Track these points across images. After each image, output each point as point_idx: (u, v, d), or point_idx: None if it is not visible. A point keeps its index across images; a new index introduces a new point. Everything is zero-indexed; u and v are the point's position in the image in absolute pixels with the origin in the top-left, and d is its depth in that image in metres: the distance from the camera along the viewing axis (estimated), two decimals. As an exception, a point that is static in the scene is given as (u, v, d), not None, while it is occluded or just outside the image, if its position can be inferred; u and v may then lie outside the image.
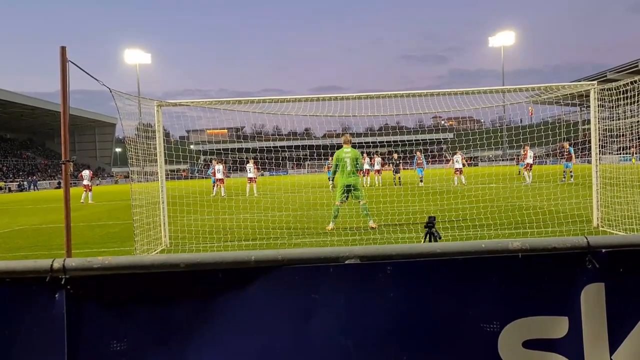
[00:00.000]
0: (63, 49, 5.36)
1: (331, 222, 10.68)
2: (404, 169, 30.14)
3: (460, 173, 24.07)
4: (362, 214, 10.94)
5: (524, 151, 25.59)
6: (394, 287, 1.87)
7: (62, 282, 1.76)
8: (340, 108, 10.70)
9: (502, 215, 11.20)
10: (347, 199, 10.78)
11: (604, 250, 1.91)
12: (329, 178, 30.43)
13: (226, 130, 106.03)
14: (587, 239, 1.92)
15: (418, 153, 27.85)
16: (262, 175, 29.56)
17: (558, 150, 29.16)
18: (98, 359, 1.79)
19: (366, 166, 27.92)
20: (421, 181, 25.74)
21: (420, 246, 1.92)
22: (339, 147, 11.24)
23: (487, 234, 9.05)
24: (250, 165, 24.88)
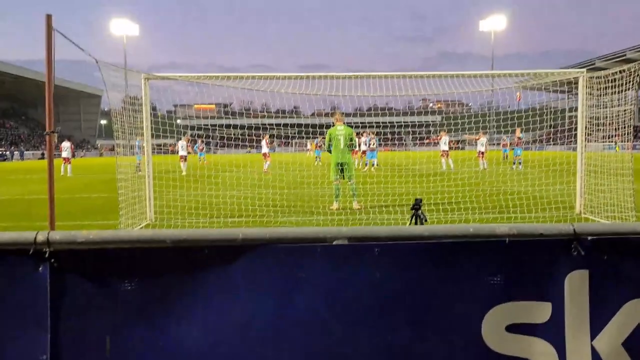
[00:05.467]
0: (49, 17, 5.23)
1: (335, 202, 10.67)
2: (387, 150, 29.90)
3: (447, 156, 24.06)
4: (349, 194, 10.97)
5: (506, 137, 25.83)
6: (381, 269, 1.88)
7: (46, 255, 1.74)
8: (330, 87, 10.63)
9: (487, 199, 11.29)
10: (343, 177, 10.76)
11: (589, 238, 1.92)
12: (315, 157, 30.40)
13: (214, 106, 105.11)
14: (573, 226, 1.94)
15: (372, 135, 27.03)
16: (273, 151, 29.68)
17: (509, 137, 29.42)
18: (81, 333, 1.78)
19: (363, 147, 27.30)
20: (373, 165, 25.17)
21: (408, 228, 1.92)
22: (328, 126, 11.19)
23: (472, 218, 9.13)
24: (263, 141, 25.11)
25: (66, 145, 26.38)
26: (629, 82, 8.78)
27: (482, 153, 24.42)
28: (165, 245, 1.81)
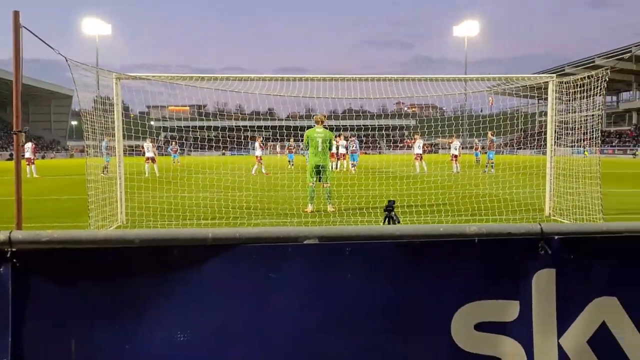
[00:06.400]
0: (16, 13, 5.11)
1: (309, 204, 10.66)
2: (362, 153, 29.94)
3: (421, 159, 24.29)
4: (324, 197, 10.98)
5: (478, 141, 26.22)
6: (352, 268, 1.88)
7: (8, 255, 1.69)
8: (305, 89, 10.63)
9: (459, 201, 11.43)
10: (319, 180, 10.77)
11: (556, 237, 1.95)
12: (288, 161, 30.19)
13: (188, 108, 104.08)
14: (540, 225, 1.97)
15: (352, 138, 27.36)
16: (265, 153, 29.54)
17: (481, 141, 29.99)
18: (45, 336, 1.73)
19: (342, 150, 27.37)
20: (353, 167, 25.28)
21: (379, 228, 1.93)
22: (303, 128, 11.18)
23: (445, 220, 9.23)
24: (256, 144, 24.82)
25: (28, 145, 25.58)
26: (597, 87, 9.00)
27: (456, 156, 24.74)
28: (133, 245, 1.78)
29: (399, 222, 4.96)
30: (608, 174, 23.37)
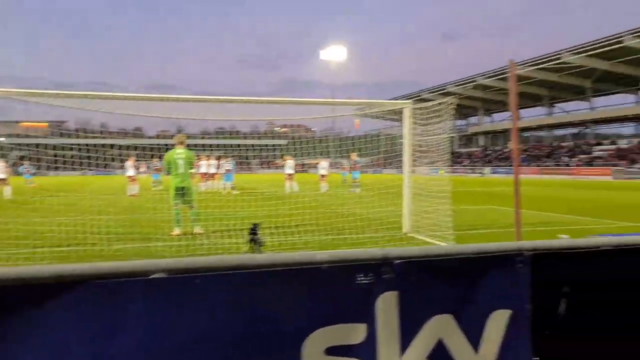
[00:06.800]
0: None
1: (175, 228, 10.28)
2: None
3: (292, 179, 24.69)
4: (190, 219, 10.69)
5: (346, 161, 27.34)
6: (202, 300, 1.84)
7: None
8: (174, 107, 10.36)
9: (327, 221, 11.78)
10: (184, 202, 10.46)
11: (398, 261, 2.09)
12: (153, 182, 28.88)
13: (46, 124, 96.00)
14: (384, 250, 2.10)
15: (228, 158, 27.26)
16: (140, 173, 27.82)
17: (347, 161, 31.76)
18: None
19: (212, 169, 26.81)
20: (232, 188, 25.41)
21: (229, 258, 1.92)
22: (174, 147, 10.83)
23: (312, 239, 9.44)
24: (128, 163, 23.69)
25: None
26: (447, 112, 9.86)
27: (324, 176, 25.50)
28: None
29: (262, 245, 4.98)
30: (460, 192, 25.58)
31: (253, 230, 4.93)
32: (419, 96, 70.33)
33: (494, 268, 2.24)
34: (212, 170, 26.98)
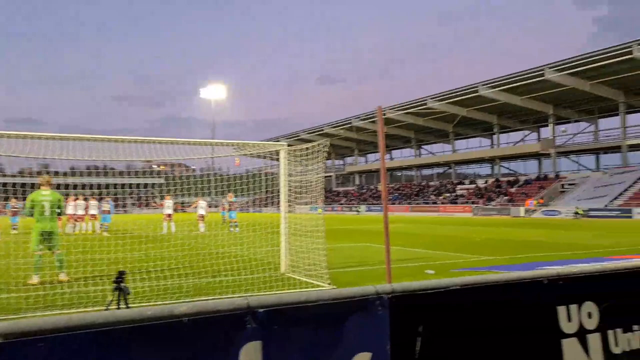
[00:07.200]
0: None
1: (34, 276, 9.33)
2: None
3: (171, 219, 23.87)
4: (55, 265, 9.84)
5: (224, 199, 27.03)
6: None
7: None
8: (39, 144, 9.59)
9: (204, 263, 11.45)
10: (49, 248, 9.62)
11: (261, 310, 2.09)
12: (12, 224, 26.20)
13: None
14: (247, 299, 2.09)
15: (107, 198, 26.10)
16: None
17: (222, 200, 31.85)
18: None
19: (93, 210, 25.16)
20: (105, 229, 24.19)
21: (78, 318, 1.79)
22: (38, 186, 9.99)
23: (186, 283, 9.11)
24: (93, 203, 23.51)
25: None
26: (321, 153, 10.18)
27: (202, 216, 24.94)
28: None
29: (128, 294, 4.71)
30: (336, 230, 26.33)
31: (119, 278, 4.65)
32: (298, 136, 72.00)
33: (354, 312, 2.32)
34: (80, 212, 25.18)
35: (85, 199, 25.48)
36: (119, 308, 4.53)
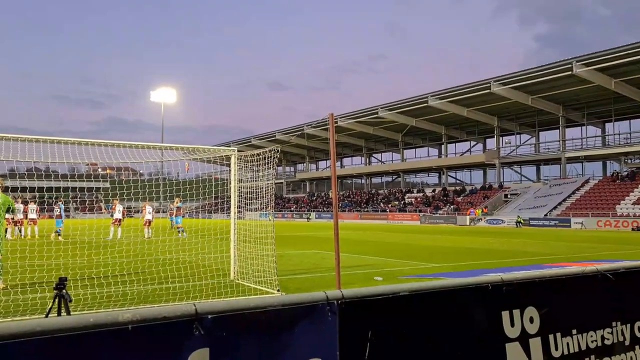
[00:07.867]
0: None
1: None
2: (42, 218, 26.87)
3: (119, 224, 23.21)
4: None
5: (171, 204, 26.53)
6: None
7: None
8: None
9: (151, 269, 11.18)
10: None
11: (209, 317, 2.05)
12: None
13: None
14: (195, 305, 2.04)
15: (60, 203, 25.22)
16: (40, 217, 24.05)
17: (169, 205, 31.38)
18: None
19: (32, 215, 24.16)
20: (59, 234, 23.35)
21: (17, 326, 1.71)
22: None
23: (130, 290, 8.85)
24: (33, 206, 22.56)
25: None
26: (272, 160, 10.14)
27: (149, 221, 24.39)
28: None
29: (70, 301, 4.53)
30: (286, 236, 26.29)
31: (60, 285, 4.47)
32: (249, 142, 71.47)
33: (304, 318, 2.32)
34: (20, 216, 24.10)
35: (25, 203, 24.39)
36: (59, 315, 4.35)
